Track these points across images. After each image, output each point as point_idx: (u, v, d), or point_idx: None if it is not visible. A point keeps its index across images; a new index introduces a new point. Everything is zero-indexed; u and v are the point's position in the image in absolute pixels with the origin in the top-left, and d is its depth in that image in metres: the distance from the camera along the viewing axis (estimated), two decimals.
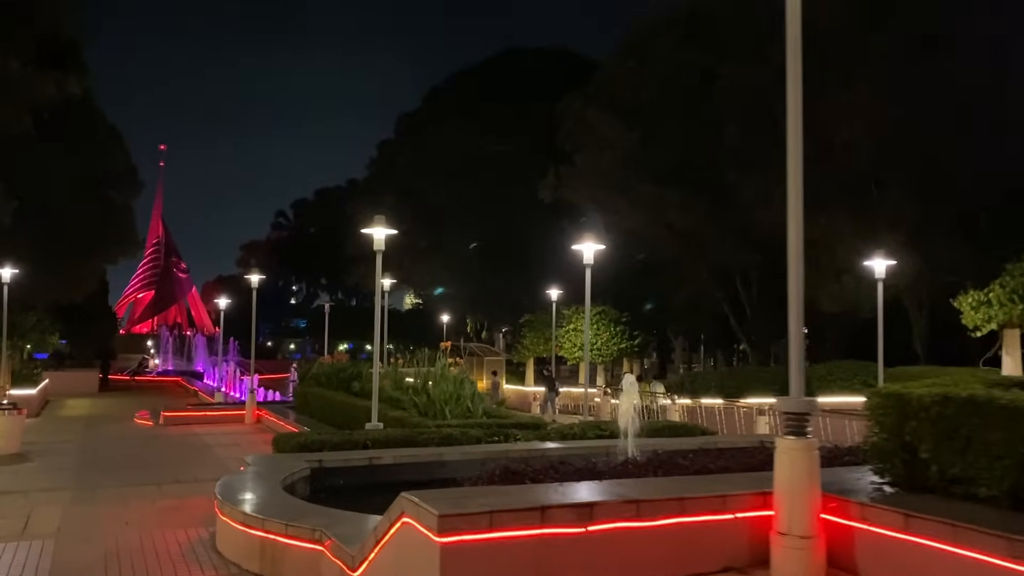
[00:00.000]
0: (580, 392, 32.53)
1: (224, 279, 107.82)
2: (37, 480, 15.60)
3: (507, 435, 13.92)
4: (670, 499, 5.86)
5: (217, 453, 19.66)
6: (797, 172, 6.46)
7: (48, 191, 33.38)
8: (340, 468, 11.87)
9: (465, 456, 12.72)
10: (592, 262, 17.04)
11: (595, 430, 14.48)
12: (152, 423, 25.99)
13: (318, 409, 22.70)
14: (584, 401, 17.23)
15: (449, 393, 16.09)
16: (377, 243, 15.43)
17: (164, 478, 15.91)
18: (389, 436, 13.09)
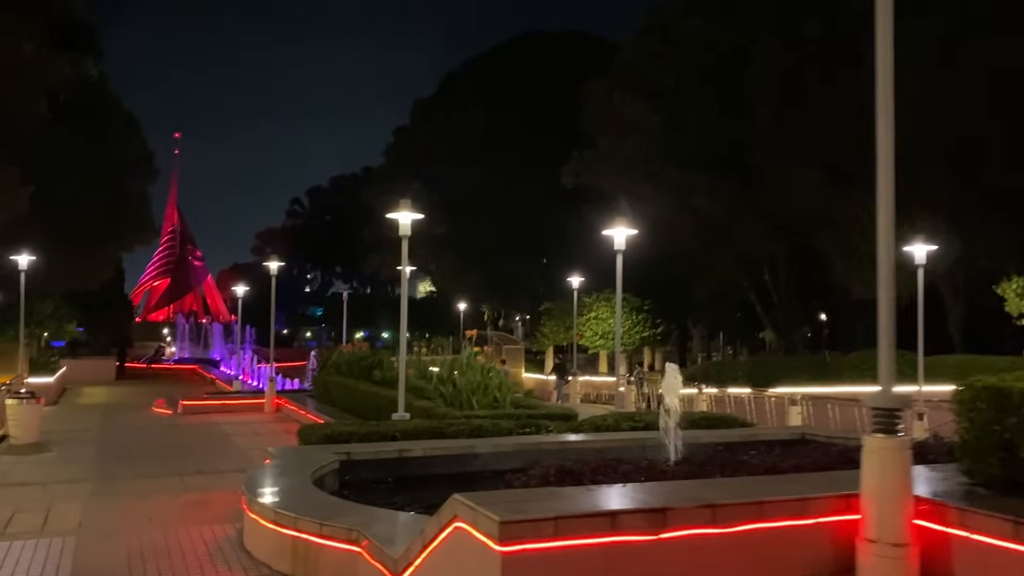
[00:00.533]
0: (602, 381, 32.08)
1: (240, 267, 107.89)
2: (56, 471, 15.25)
3: (538, 426, 13.45)
4: (748, 503, 5.34)
5: (238, 443, 19.29)
6: (888, 155, 5.86)
7: (65, 177, 33.08)
8: (369, 461, 11.42)
9: (497, 448, 12.26)
10: (624, 247, 16.48)
11: (629, 421, 13.97)
12: (170, 412, 25.68)
13: (339, 398, 22.29)
14: (616, 390, 16.70)
15: (476, 383, 15.61)
16: (403, 228, 14.95)
17: (185, 469, 15.55)
18: (418, 428, 12.62)
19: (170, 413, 25.55)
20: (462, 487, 11.38)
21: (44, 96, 20.95)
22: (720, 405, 24.00)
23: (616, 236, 16.51)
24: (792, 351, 32.17)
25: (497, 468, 12.10)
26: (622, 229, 16.36)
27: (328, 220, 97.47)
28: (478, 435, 12.71)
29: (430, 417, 15.18)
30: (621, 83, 29.65)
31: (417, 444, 12.00)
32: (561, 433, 13.38)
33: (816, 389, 23.04)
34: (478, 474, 11.80)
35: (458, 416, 14.45)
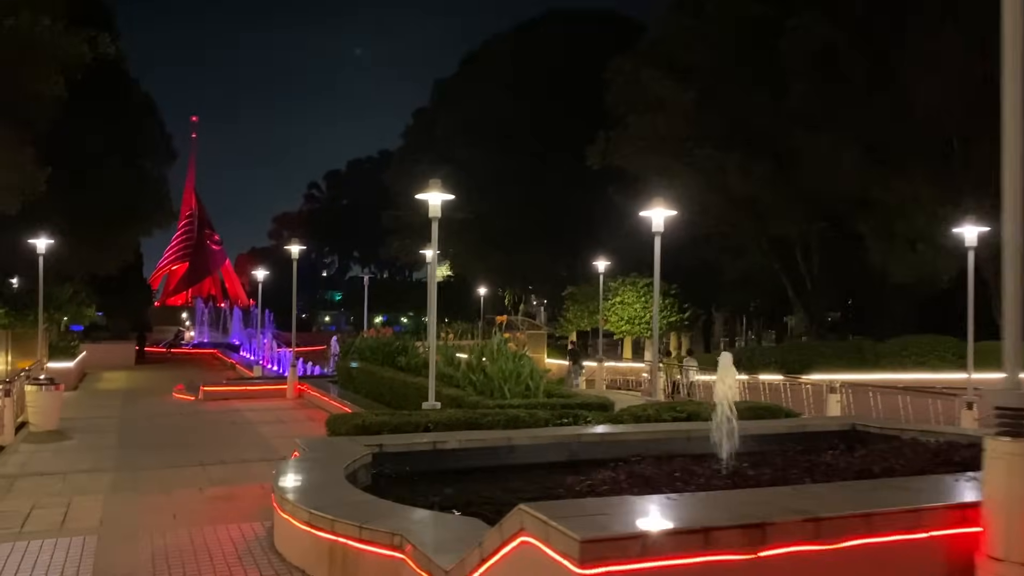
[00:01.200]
0: (628, 367, 31.44)
1: (257, 251, 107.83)
2: (76, 460, 14.84)
3: (576, 417, 12.84)
4: (855, 516, 4.69)
5: (261, 431, 18.84)
6: None
7: (82, 160, 32.69)
8: (402, 453, 10.87)
9: (534, 440, 11.69)
10: (662, 229, 15.77)
11: (670, 411, 13.35)
12: (191, 397, 25.29)
13: (363, 384, 21.77)
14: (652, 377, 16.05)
15: (508, 370, 15.00)
16: (433, 209, 14.30)
17: (208, 458, 15.10)
18: (451, 418, 12.04)
19: (191, 399, 25.16)
20: (500, 481, 10.88)
21: (61, 74, 20.47)
22: (754, 393, 23.30)
23: (654, 217, 15.80)
24: (824, 336, 31.34)
25: (535, 461, 11.55)
26: (660, 210, 15.65)
27: (346, 204, 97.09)
28: (514, 426, 12.13)
29: (460, 406, 14.62)
30: (650, 60, 28.74)
31: (451, 436, 11.44)
32: (600, 424, 12.76)
33: (853, 376, 22.30)
34: (516, 467, 11.23)
35: (490, 405, 13.88)
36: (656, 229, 15.74)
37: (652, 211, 15.78)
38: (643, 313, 33.95)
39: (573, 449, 11.81)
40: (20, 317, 26.85)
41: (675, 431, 12.55)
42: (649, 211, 15.86)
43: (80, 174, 32.66)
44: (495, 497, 9.46)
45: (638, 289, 34.46)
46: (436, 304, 14.79)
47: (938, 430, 12.93)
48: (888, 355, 23.94)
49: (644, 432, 12.36)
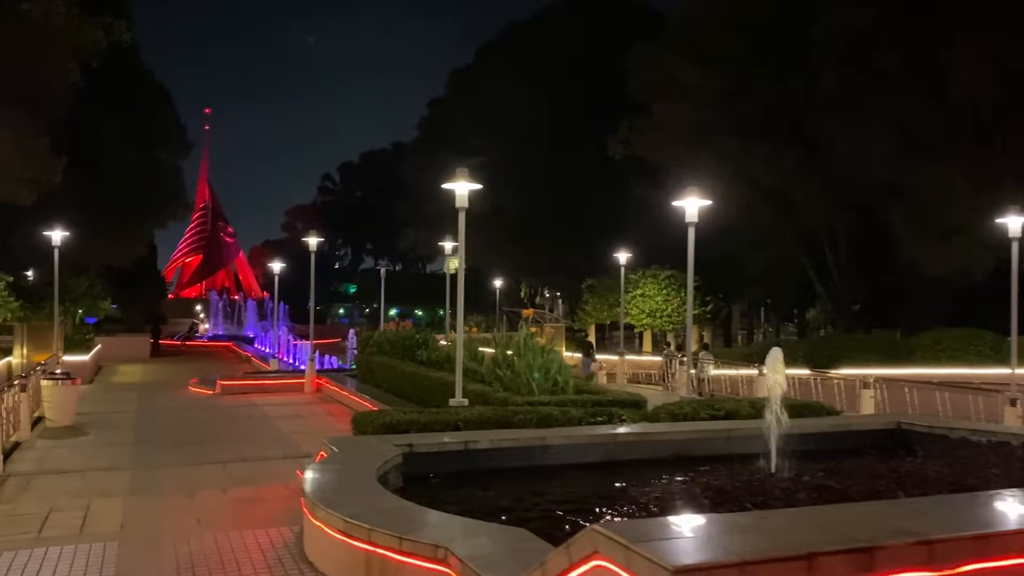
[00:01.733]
0: (650, 360, 30.91)
1: (271, 244, 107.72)
2: (93, 457, 14.49)
3: (610, 415, 12.34)
4: (969, 537, 4.19)
5: (280, 427, 18.47)
6: None
7: (98, 151, 32.37)
8: (433, 453, 10.42)
9: (569, 440, 11.21)
10: (696, 219, 15.24)
11: (707, 410, 12.85)
12: (208, 391, 24.94)
13: (383, 379, 21.35)
14: (688, 371, 15.53)
15: (537, 366, 14.52)
16: (459, 199, 13.82)
17: (228, 455, 14.74)
18: (481, 416, 11.57)
19: (208, 393, 24.81)
20: (537, 483, 10.40)
21: (76, 62, 20.08)
22: None
23: (687, 207, 15.26)
24: (851, 329, 30.67)
25: (570, 461, 11.08)
26: (694, 199, 15.11)
27: (359, 196, 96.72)
28: (546, 425, 11.65)
29: (487, 403, 14.16)
30: (675, 47, 28.01)
31: (483, 435, 10.98)
32: (636, 423, 12.26)
33: (884, 371, 21.71)
34: (551, 468, 10.78)
35: (519, 402, 13.40)
36: (690, 219, 15.22)
37: (685, 200, 15.26)
38: (664, 306, 33.37)
39: (609, 449, 11.34)
40: (36, 310, 26.57)
41: (714, 430, 12.06)
42: (682, 200, 15.33)
43: (95, 165, 32.34)
44: (537, 502, 9.02)
45: (659, 281, 33.88)
46: (463, 297, 14.29)
47: (988, 428, 12.40)
48: (921, 349, 23.32)
49: (682, 431, 11.87)
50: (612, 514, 8.09)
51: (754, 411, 13.02)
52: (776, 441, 10.19)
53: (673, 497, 8.61)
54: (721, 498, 7.91)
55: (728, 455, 11.80)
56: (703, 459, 11.60)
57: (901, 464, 8.72)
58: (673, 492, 8.96)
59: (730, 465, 11.21)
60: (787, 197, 27.25)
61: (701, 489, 8.75)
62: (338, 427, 18.43)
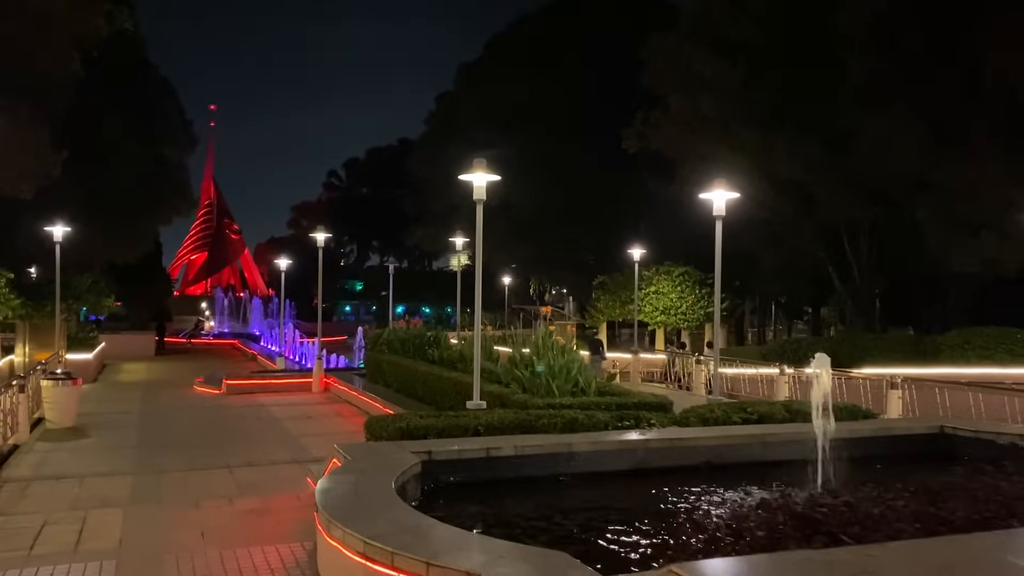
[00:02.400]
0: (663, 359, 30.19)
1: (276, 241, 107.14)
2: (94, 461, 13.90)
3: (637, 419, 11.66)
4: None
5: (288, 428, 17.86)
6: None
7: (101, 145, 31.76)
8: (453, 461, 9.77)
9: (596, 447, 10.55)
10: (724, 213, 14.56)
11: (740, 413, 12.17)
12: (214, 391, 24.35)
13: (394, 379, 20.71)
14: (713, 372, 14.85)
15: (558, 366, 13.84)
16: (477, 191, 13.17)
17: (234, 459, 14.16)
18: (502, 420, 10.91)
19: (213, 392, 24.22)
20: (565, 493, 9.72)
21: (77, 51, 19.44)
22: (805, 389, 22.01)
23: (715, 200, 14.59)
24: (871, 328, 29.89)
25: (599, 469, 10.43)
26: (721, 192, 14.43)
27: (365, 193, 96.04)
28: (571, 429, 10.98)
29: (504, 405, 13.51)
30: (693, 36, 27.17)
31: (505, 441, 10.32)
32: (665, 427, 11.58)
33: (910, 370, 20.94)
34: (580, 477, 10.13)
35: (540, 405, 12.76)
36: (717, 213, 14.54)
37: (712, 193, 14.57)
38: (679, 303, 32.66)
39: (640, 456, 10.68)
40: (38, 307, 25.98)
41: (749, 436, 11.39)
42: (709, 193, 14.64)
43: (99, 160, 31.76)
44: (570, 516, 8.38)
45: (673, 278, 33.17)
46: (480, 294, 13.62)
47: None
48: (948, 348, 22.58)
49: (715, 437, 11.21)
50: (662, 535, 7.43)
51: (788, 415, 12.38)
52: (824, 448, 9.51)
53: (723, 513, 7.94)
54: (788, 519, 7.22)
55: (764, 462, 11.17)
56: (739, 466, 10.96)
57: (975, 479, 8.02)
58: (721, 507, 8.29)
59: (771, 473, 10.57)
60: (807, 191, 26.45)
61: (755, 506, 8.07)
62: (347, 429, 17.83)
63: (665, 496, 9.23)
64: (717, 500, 8.87)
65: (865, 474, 9.56)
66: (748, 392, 24.39)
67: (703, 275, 33.26)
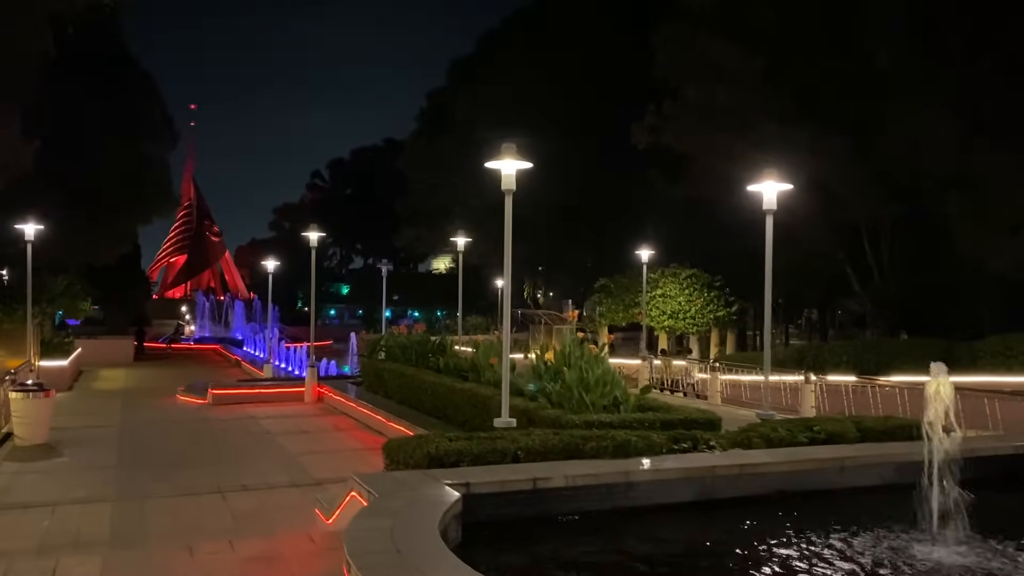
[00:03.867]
0: (679, 366, 28.84)
1: (258, 243, 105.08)
2: (68, 485, 12.33)
3: (695, 440, 10.20)
4: None
5: (284, 445, 16.29)
6: None
7: (77, 139, 30.00)
8: (496, 495, 8.27)
9: (658, 475, 9.09)
10: (775, 207, 13.15)
11: (806, 432, 10.74)
12: (198, 400, 22.70)
13: (396, 389, 19.16)
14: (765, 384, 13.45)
15: (595, 378, 12.36)
16: (506, 181, 11.68)
17: (227, 482, 12.65)
18: (545, 444, 9.41)
19: (198, 403, 22.59)
20: (630, 533, 8.14)
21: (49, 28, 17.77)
22: (834, 397, 20.69)
23: (765, 192, 13.17)
24: (892, 332, 28.63)
25: (661, 501, 8.98)
26: (771, 183, 13.01)
27: (350, 194, 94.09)
28: (624, 454, 9.51)
29: (532, 422, 12.06)
30: (710, 23, 25.70)
31: (553, 469, 8.83)
32: (728, 451, 10.13)
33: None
34: (641, 512, 8.67)
35: (576, 422, 11.31)
36: (767, 206, 13.14)
37: (762, 185, 13.16)
38: (687, 307, 31.34)
39: (706, 485, 9.23)
40: (9, 311, 24.21)
41: (824, 460, 9.98)
42: (758, 185, 13.22)
43: (76, 156, 30.00)
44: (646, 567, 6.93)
45: (680, 281, 31.84)
46: (509, 294, 12.14)
47: None
48: (988, 354, 21.32)
49: (787, 462, 9.78)
50: None
51: (860, 434, 10.98)
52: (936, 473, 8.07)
53: None
54: None
55: (843, 489, 9.79)
56: (815, 496, 9.58)
57: None
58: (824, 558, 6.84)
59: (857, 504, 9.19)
60: (830, 189, 25.08)
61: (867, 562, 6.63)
62: (350, 446, 16.32)
63: (748, 536, 7.77)
64: (816, 545, 7.41)
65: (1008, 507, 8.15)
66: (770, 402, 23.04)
67: (711, 278, 31.96)
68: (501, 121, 39.87)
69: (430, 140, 46.02)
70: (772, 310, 46.92)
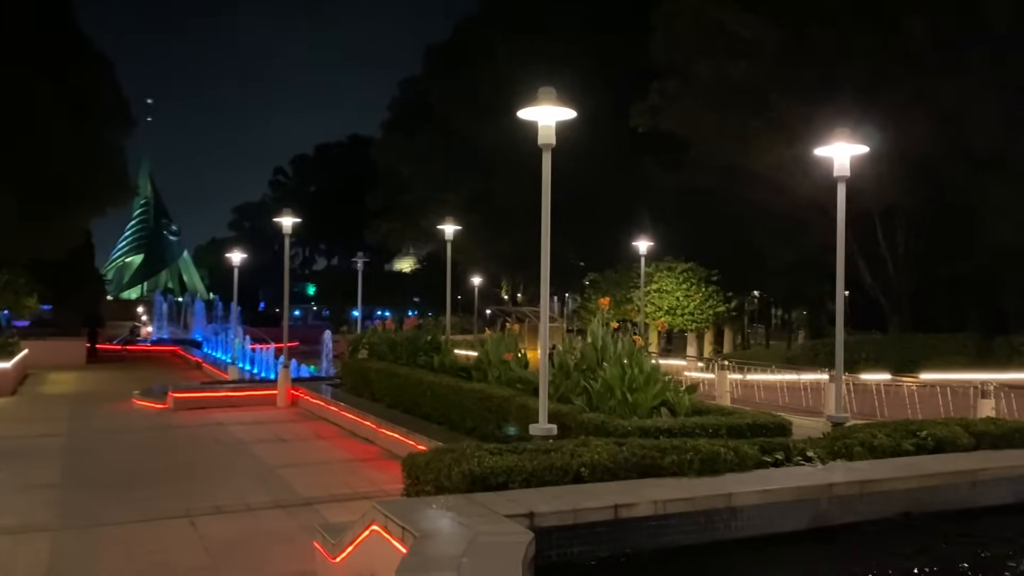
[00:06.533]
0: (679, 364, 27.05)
1: (218, 242, 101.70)
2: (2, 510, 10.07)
3: (786, 451, 8.24)
4: None
5: (260, 456, 14.13)
6: None
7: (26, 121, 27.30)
8: (567, 528, 6.22)
9: (767, 498, 7.09)
10: (847, 173, 11.25)
11: (909, 439, 8.85)
12: (158, 405, 20.33)
13: (386, 390, 16.98)
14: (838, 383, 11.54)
15: (645, 377, 10.33)
16: (544, 134, 9.60)
17: (197, 502, 10.62)
18: (614, 458, 7.36)
19: (158, 407, 20.21)
20: None
21: None
22: (864, 397, 18.94)
23: (835, 156, 11.25)
24: (906, 328, 27.02)
25: (771, 531, 7.00)
26: (844, 145, 11.09)
27: (314, 191, 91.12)
28: (712, 470, 7.51)
29: (568, 428, 10.05)
30: None
31: (635, 493, 6.79)
32: (829, 464, 8.18)
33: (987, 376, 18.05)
34: (749, 546, 6.70)
35: (627, 428, 9.33)
36: (839, 172, 11.25)
37: (832, 148, 11.23)
38: (685, 302, 29.52)
39: (821, 508, 7.28)
40: None
41: (952, 473, 8.06)
42: (828, 149, 11.32)
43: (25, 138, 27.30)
44: None
45: (676, 275, 30.00)
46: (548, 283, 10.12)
47: None
48: None
49: (914, 477, 7.83)
50: None
51: (975, 439, 9.12)
52: None
53: None
54: None
55: (976, 510, 7.91)
56: (949, 519, 7.68)
57: None
58: None
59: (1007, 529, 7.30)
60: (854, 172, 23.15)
61: None
62: (337, 456, 14.16)
63: None
64: None
65: None
66: (787, 402, 21.32)
67: (707, 272, 30.18)
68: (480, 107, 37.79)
69: (405, 129, 43.68)
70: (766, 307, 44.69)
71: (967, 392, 16.93)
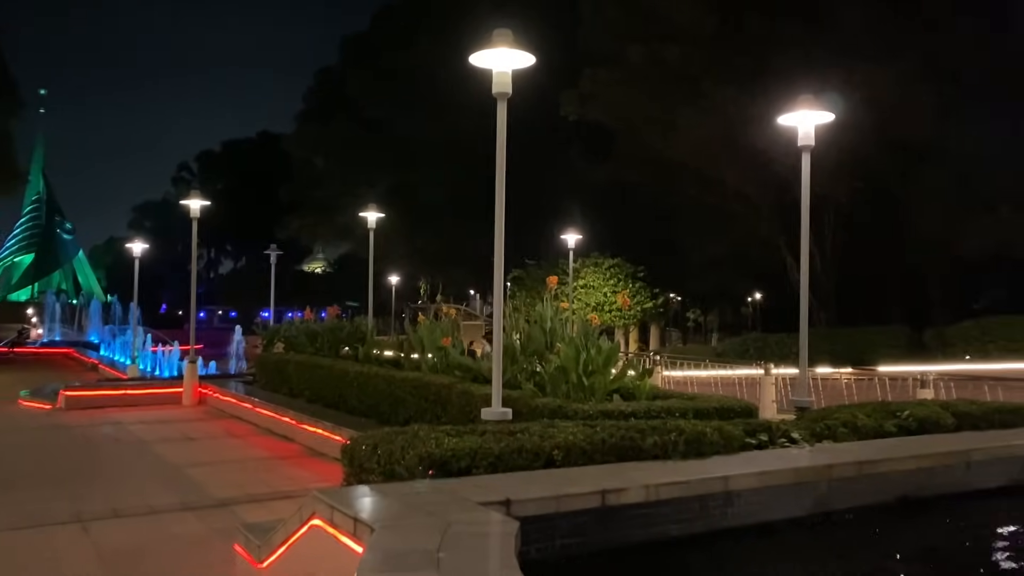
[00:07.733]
0: None
1: (116, 241, 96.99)
2: None
3: (769, 432, 7.48)
4: None
5: (164, 455, 12.68)
6: None
7: None
8: (550, 518, 5.23)
9: (765, 480, 6.26)
10: (812, 142, 10.51)
11: (891, 420, 8.23)
12: (47, 405, 18.47)
13: (305, 384, 15.67)
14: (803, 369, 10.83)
15: (604, 356, 9.44)
16: (498, 81, 8.61)
17: (90, 506, 9.35)
18: (592, 440, 6.42)
19: (46, 407, 18.35)
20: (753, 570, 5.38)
21: None
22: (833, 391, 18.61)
23: (800, 124, 10.49)
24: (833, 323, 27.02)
25: (769, 518, 6.17)
26: (807, 112, 10.34)
27: (220, 188, 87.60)
28: (698, 452, 6.65)
29: (520, 413, 9.06)
30: None
31: (622, 477, 5.85)
32: (817, 446, 7.45)
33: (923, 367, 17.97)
34: (747, 535, 5.88)
35: (589, 412, 8.43)
36: (804, 142, 10.50)
37: (795, 115, 10.50)
38: (612, 298, 28.90)
39: (820, 492, 6.50)
40: None
41: (947, 454, 7.42)
42: (791, 116, 10.58)
43: None
44: None
45: (603, 270, 29.37)
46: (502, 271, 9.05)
47: None
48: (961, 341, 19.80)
49: (911, 457, 7.15)
50: None
51: (956, 420, 8.56)
52: None
53: None
54: None
55: (972, 493, 7.29)
56: (946, 503, 7.03)
57: None
58: None
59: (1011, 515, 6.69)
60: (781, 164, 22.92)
61: None
62: (253, 455, 12.81)
63: None
64: None
65: None
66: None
67: (634, 267, 29.66)
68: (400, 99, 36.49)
69: (320, 120, 41.90)
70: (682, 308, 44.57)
71: (906, 383, 16.72)
